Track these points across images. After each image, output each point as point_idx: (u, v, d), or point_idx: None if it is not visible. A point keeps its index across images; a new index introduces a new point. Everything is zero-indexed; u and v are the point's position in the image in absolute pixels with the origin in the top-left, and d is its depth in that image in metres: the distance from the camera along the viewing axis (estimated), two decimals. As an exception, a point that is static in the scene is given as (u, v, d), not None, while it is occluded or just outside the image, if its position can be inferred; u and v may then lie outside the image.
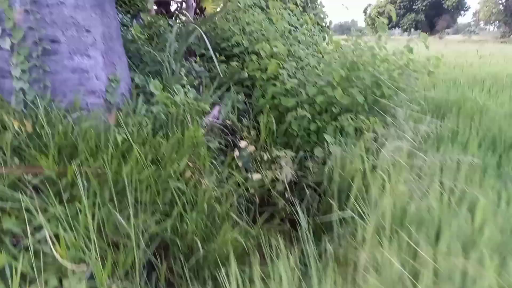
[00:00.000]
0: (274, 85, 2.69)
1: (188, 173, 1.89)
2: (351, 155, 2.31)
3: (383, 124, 2.73)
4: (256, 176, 2.43)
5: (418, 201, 1.61)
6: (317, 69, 2.77)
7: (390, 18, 4.06)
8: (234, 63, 3.02)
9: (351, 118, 2.67)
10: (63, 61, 2.01)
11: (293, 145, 2.75)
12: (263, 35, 3.25)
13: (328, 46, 3.62)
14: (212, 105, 2.57)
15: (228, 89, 2.91)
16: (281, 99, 2.66)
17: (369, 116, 2.84)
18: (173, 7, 5.68)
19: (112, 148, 1.72)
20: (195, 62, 2.88)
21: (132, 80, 2.41)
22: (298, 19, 3.41)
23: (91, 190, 1.52)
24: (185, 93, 2.27)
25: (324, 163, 2.57)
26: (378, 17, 3.57)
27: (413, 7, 41.82)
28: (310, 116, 2.56)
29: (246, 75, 2.92)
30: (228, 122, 2.49)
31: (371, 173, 1.97)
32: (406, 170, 1.88)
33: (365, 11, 46.26)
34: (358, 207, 1.79)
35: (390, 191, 1.72)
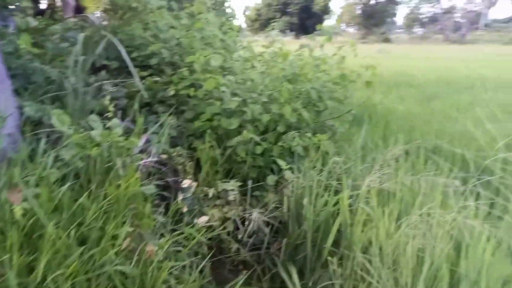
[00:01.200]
0: (211, 104, 2.27)
1: (128, 244, 1.37)
2: (309, 179, 2.04)
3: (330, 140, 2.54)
4: (202, 220, 2.00)
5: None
6: (257, 83, 2.43)
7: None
8: (155, 78, 2.49)
9: (299, 137, 2.41)
10: None
11: (238, 173, 2.38)
12: (179, 43, 2.78)
13: (244, 53, 3.31)
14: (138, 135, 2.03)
15: (152, 112, 2.38)
16: (222, 120, 2.25)
17: (313, 132, 2.63)
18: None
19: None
20: (107, 79, 2.27)
21: (22, 111, 1.73)
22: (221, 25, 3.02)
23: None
24: (105, 125, 1.70)
25: (276, 190, 2.27)
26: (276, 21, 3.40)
27: (287, 10, 44.97)
28: (258, 139, 2.21)
29: (172, 92, 2.42)
30: (164, 156, 1.99)
31: (344, 205, 1.72)
32: (392, 199, 1.67)
33: (244, 13, 48.39)
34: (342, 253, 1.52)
35: (386, 231, 1.48)
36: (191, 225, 1.88)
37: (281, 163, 2.16)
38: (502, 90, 6.45)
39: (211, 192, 2.11)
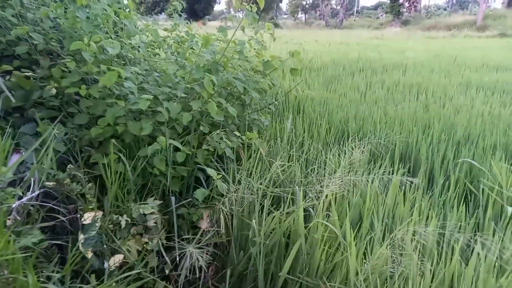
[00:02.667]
0: (113, 104, 1.73)
1: None
2: (249, 190, 1.70)
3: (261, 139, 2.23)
4: (116, 259, 1.51)
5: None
6: (169, 76, 1.95)
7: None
8: (26, 73, 1.82)
9: (226, 136, 2.04)
10: None
11: (157, 187, 1.90)
12: (55, 25, 2.11)
13: (147, 37, 2.75)
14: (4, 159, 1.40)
15: (26, 119, 1.73)
16: (129, 124, 1.74)
17: (241, 130, 2.28)
18: None
19: None
20: None
21: None
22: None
23: None
24: None
25: (209, 205, 1.87)
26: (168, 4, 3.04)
27: (174, -7, 43.58)
28: (179, 145, 1.77)
29: (54, 91, 1.79)
30: (50, 184, 1.40)
31: (300, 222, 1.42)
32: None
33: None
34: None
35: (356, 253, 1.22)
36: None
37: (211, 172, 1.76)
38: (385, 73, 6.99)
39: (123, 220, 1.61)
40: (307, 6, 53.91)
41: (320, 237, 1.35)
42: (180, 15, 3.23)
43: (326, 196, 1.45)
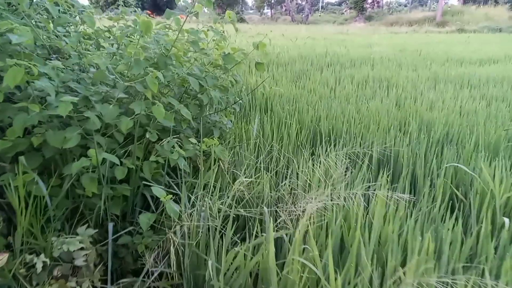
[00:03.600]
0: (24, 110, 1.33)
1: None
2: (206, 214, 1.36)
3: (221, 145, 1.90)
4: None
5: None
6: (102, 72, 1.56)
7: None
8: None
9: (179, 144, 1.69)
10: None
11: (90, 211, 1.52)
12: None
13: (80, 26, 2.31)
14: None
15: None
16: (47, 135, 1.34)
17: (200, 135, 1.94)
18: None
19: None
20: None
21: None
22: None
23: None
24: None
25: (157, 232, 1.51)
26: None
27: (138, -14, 42.19)
28: (115, 160, 1.40)
29: None
30: None
31: (270, 260, 1.10)
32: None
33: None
34: None
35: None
36: None
37: (157, 191, 1.39)
38: (354, 67, 6.84)
39: (39, 262, 1.22)
40: (273, 1, 53.76)
41: (297, 279, 1.04)
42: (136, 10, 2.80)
43: (301, 221, 1.13)
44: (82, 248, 1.32)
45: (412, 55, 8.94)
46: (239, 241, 1.31)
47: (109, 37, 2.28)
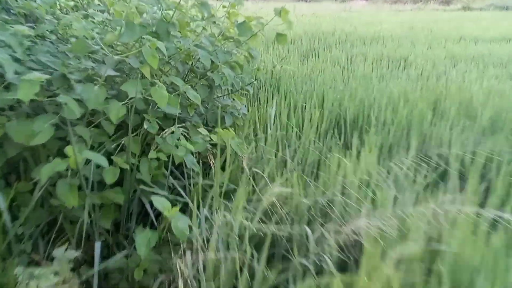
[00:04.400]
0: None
1: None
2: (226, 236, 1.02)
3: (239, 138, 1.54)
4: None
5: None
6: (82, 41, 1.18)
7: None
8: None
9: (185, 136, 1.33)
10: None
11: (72, 224, 1.17)
12: None
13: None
14: None
15: None
16: (9, 128, 0.98)
17: (209, 122, 1.59)
18: None
19: None
20: None
21: None
22: None
23: None
24: None
25: (157, 252, 1.17)
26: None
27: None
28: (103, 161, 1.04)
29: None
30: None
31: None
32: None
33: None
34: None
35: None
36: None
37: (158, 203, 1.04)
38: (364, 45, 6.40)
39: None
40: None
41: None
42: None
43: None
44: (56, 274, 0.98)
45: (423, 32, 8.47)
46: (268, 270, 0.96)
47: (99, 5, 1.89)
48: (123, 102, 1.12)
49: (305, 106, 2.41)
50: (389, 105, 2.52)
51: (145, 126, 1.23)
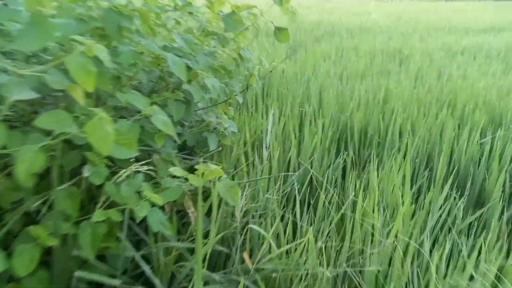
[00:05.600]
0: None
1: None
2: None
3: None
4: None
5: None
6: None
7: None
8: None
9: (151, 177, 0.90)
10: None
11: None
12: None
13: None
14: None
15: None
16: None
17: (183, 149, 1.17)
18: None
19: None
20: None
21: None
22: None
23: None
24: None
25: None
26: None
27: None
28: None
29: None
30: None
31: None
32: None
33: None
34: None
35: None
36: None
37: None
38: (353, 38, 6.02)
39: None
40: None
41: None
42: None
43: None
44: None
45: (411, 23, 8.17)
46: None
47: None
48: (41, 144, 0.68)
49: (303, 112, 2.01)
50: (397, 108, 2.12)
51: (84, 174, 0.79)
